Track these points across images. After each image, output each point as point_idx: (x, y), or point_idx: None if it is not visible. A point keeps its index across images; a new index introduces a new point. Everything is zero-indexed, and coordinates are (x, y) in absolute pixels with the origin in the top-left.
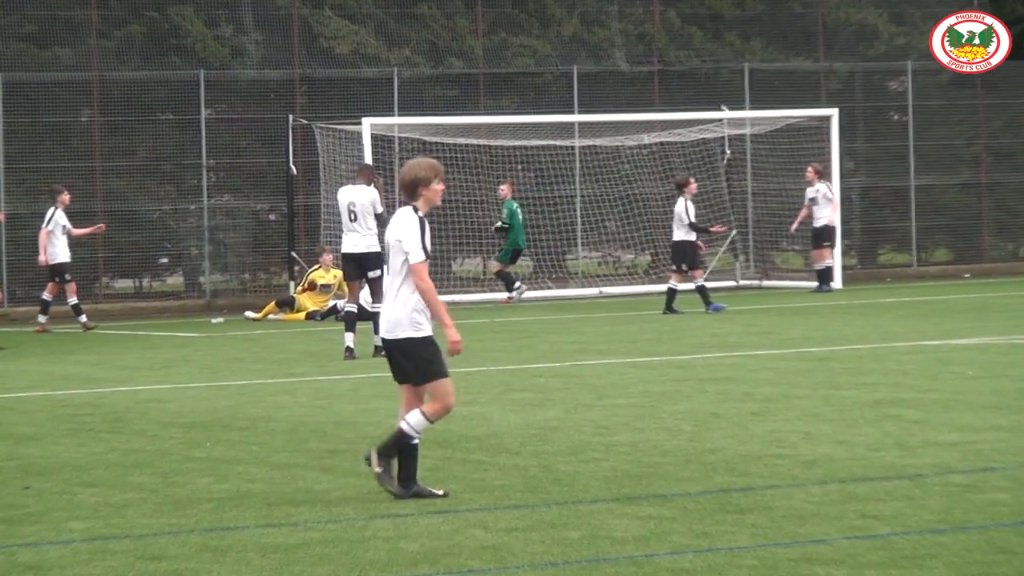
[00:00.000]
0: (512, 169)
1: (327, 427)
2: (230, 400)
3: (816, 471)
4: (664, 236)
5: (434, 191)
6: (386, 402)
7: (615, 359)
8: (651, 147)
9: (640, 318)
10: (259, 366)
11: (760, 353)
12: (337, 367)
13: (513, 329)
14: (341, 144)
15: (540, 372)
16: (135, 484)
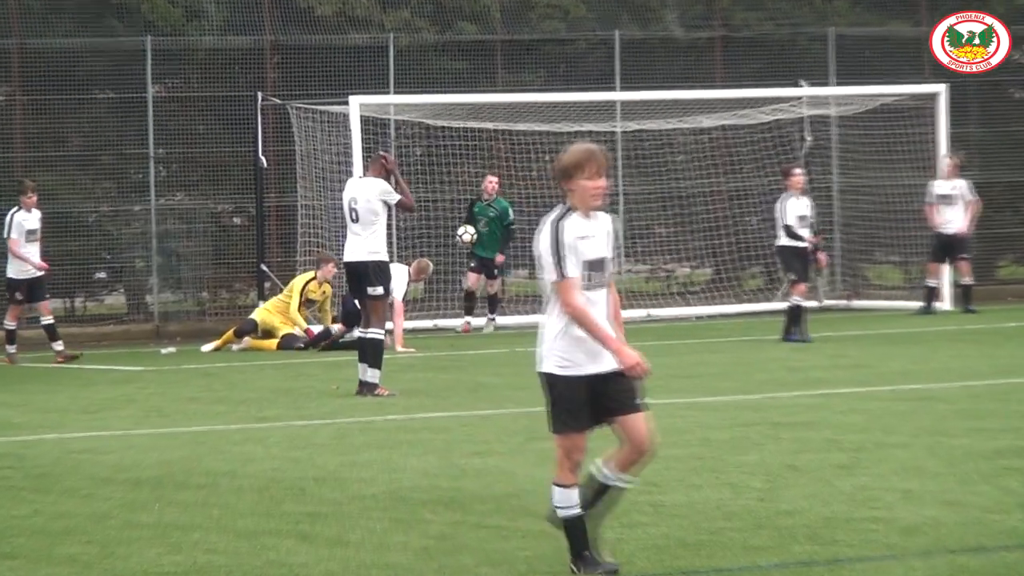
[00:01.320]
0: (538, 160)
1: (306, 484)
2: (184, 450)
3: (918, 539)
4: (728, 243)
5: (582, 187)
6: (379, 452)
7: (667, 398)
8: (711, 132)
9: (699, 347)
10: (221, 408)
11: (848, 391)
12: (317, 409)
13: None
14: (323, 129)
15: None
16: (65, 556)
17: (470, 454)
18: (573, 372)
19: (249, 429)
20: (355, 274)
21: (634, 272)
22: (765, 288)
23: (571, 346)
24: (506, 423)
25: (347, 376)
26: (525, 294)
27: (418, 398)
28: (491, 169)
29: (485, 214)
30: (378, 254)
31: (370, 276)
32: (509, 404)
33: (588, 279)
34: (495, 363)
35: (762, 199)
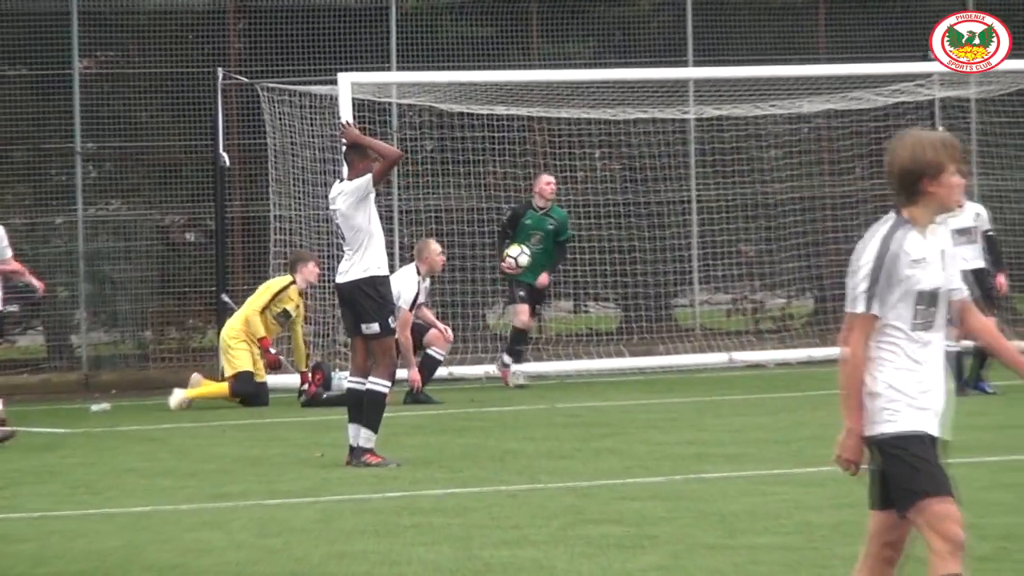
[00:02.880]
0: (586, 157)
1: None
2: (122, 538)
3: None
4: (835, 265)
5: (945, 187)
6: (377, 541)
7: (754, 469)
8: (812, 121)
9: (797, 402)
10: (168, 482)
11: (992, 460)
12: (295, 484)
13: (588, 421)
14: (304, 117)
15: (631, 492)
16: None
17: (496, 543)
18: (918, 427)
19: (206, 510)
20: (344, 301)
21: (711, 304)
22: None
23: (906, 394)
24: (542, 502)
25: (335, 440)
26: (568, 332)
27: (427, 469)
28: (543, 167)
29: (541, 227)
30: (371, 270)
31: (362, 304)
32: (546, 477)
33: (916, 316)
34: (528, 424)
35: (878, 208)
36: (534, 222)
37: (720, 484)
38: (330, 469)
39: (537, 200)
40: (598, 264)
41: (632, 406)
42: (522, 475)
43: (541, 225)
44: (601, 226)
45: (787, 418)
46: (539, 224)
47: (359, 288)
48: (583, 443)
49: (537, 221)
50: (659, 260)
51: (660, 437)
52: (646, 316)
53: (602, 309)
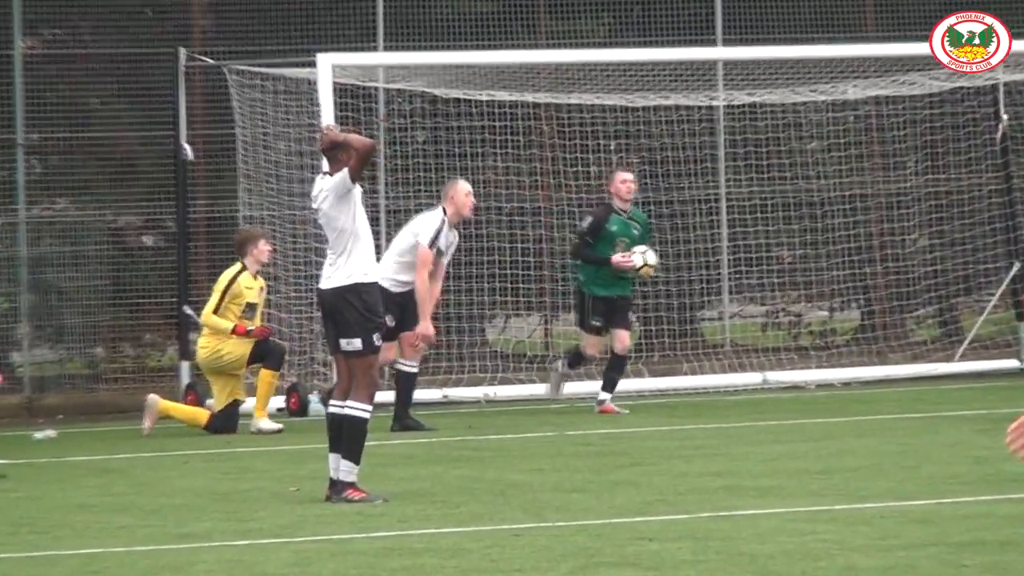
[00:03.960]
0: (600, 150)
1: None
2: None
3: None
4: (885, 274)
5: None
6: None
7: (792, 505)
8: (859, 108)
9: (841, 428)
10: (125, 520)
11: None
12: (268, 522)
13: (601, 450)
14: (278, 104)
15: (651, 530)
16: None
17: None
18: None
19: (166, 552)
20: (325, 311)
21: (743, 316)
22: (943, 341)
23: None
24: (549, 542)
25: (312, 472)
26: None
27: (418, 504)
28: (621, 164)
29: (627, 233)
30: (354, 277)
31: (344, 315)
32: (553, 514)
33: None
34: (533, 453)
35: (933, 207)
36: (620, 228)
37: (752, 522)
38: (307, 505)
39: (616, 202)
40: None
41: (652, 433)
42: (526, 511)
43: (627, 231)
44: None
45: (830, 446)
46: (625, 230)
47: (342, 297)
48: (596, 475)
49: (623, 227)
50: (683, 267)
51: (684, 468)
52: (668, 330)
53: None
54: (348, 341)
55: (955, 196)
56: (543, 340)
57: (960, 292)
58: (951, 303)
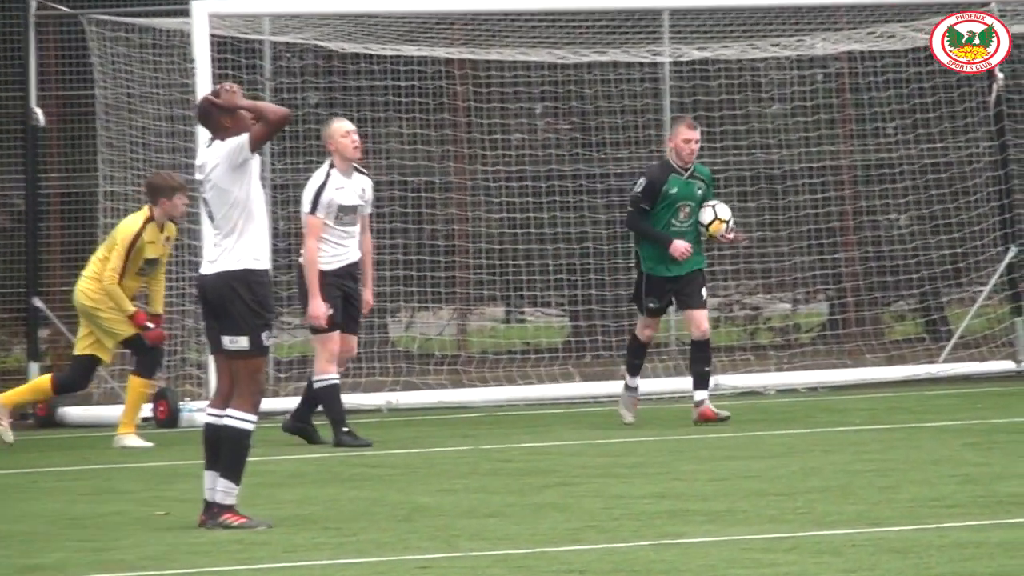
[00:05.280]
0: (523, 113)
1: None
2: None
3: None
4: (861, 259)
5: None
6: None
7: (747, 532)
8: (829, 66)
9: (807, 442)
10: None
11: None
12: (133, 552)
13: (524, 468)
14: (145, 60)
15: (582, 562)
16: None
17: None
18: None
19: None
20: (206, 301)
21: None
22: (926, 339)
23: None
24: (463, 575)
25: (184, 493)
26: (498, 348)
27: (308, 531)
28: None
29: (690, 195)
30: (244, 262)
31: (228, 307)
32: (467, 543)
33: None
34: (444, 471)
35: (920, 181)
36: (681, 190)
37: (701, 551)
38: (178, 532)
39: (675, 159)
40: (538, 257)
41: (583, 447)
42: (436, 540)
43: (690, 193)
44: (543, 206)
45: (792, 463)
46: (687, 192)
47: (228, 285)
48: (518, 497)
49: (684, 188)
50: (621, 252)
51: (621, 489)
52: (603, 327)
53: (544, 317)
54: (232, 339)
55: (942, 169)
56: (456, 338)
57: (947, 282)
58: (936, 295)
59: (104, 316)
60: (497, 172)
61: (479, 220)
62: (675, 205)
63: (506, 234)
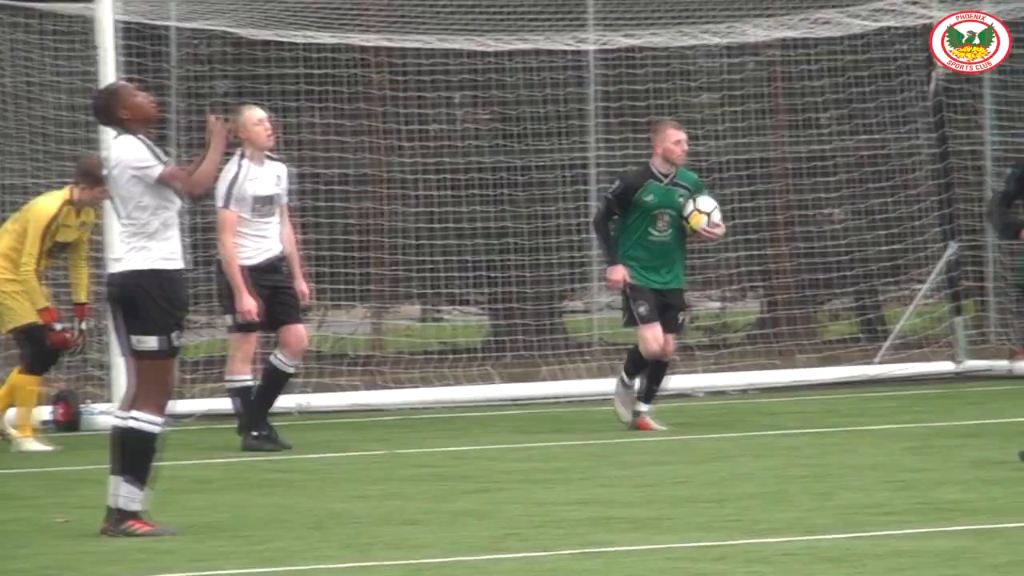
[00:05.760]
0: (441, 103)
1: None
2: None
3: None
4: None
5: None
6: None
7: (674, 541)
8: (762, 53)
9: (738, 446)
10: None
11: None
12: (28, 563)
13: (442, 473)
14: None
15: (503, 571)
16: None
17: None
18: None
19: None
20: (115, 300)
21: (616, 308)
22: (861, 338)
23: None
24: None
25: (86, 499)
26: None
27: (216, 540)
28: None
29: (670, 203)
30: (153, 261)
31: (138, 307)
32: (382, 552)
33: None
34: (359, 477)
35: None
36: (659, 198)
37: (626, 561)
38: (80, 540)
39: (659, 165)
40: (457, 253)
41: (503, 452)
42: (349, 548)
43: (670, 201)
44: (463, 200)
45: (722, 469)
46: (667, 200)
47: (138, 284)
48: (435, 503)
49: (663, 196)
50: (544, 247)
51: (542, 495)
52: (523, 326)
53: (463, 316)
54: (140, 339)
55: (879, 161)
56: (371, 338)
57: (884, 279)
58: (873, 293)
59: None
60: (415, 164)
61: (395, 214)
62: (651, 213)
63: (423, 229)
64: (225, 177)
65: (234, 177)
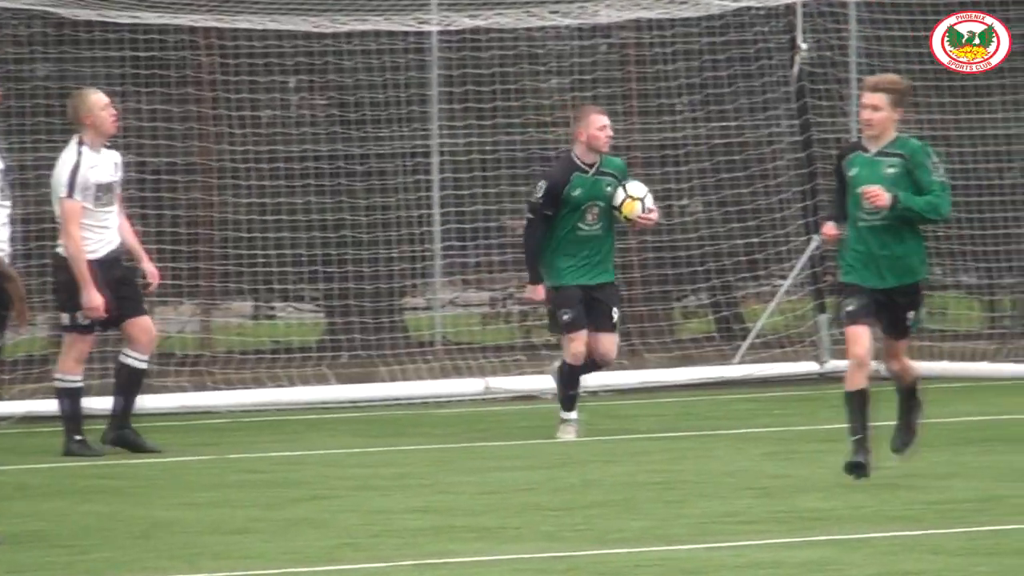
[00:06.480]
0: (275, 88)
1: None
2: None
3: None
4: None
5: None
6: None
7: (519, 551)
8: (614, 35)
9: (591, 450)
10: None
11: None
12: None
13: (275, 479)
14: None
15: None
16: None
17: None
18: None
19: None
20: None
21: (460, 304)
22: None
23: None
24: None
25: None
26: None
27: (35, 550)
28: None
29: (598, 194)
30: None
31: None
32: (210, 562)
33: None
34: (187, 483)
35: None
36: (587, 190)
37: (470, 571)
38: None
39: (583, 154)
40: (291, 247)
41: (339, 456)
42: (176, 559)
43: (598, 192)
44: (297, 190)
45: (569, 475)
46: (595, 192)
47: None
48: (266, 511)
49: (591, 188)
50: (383, 241)
51: (380, 502)
52: (361, 325)
53: (297, 313)
54: None
55: (737, 150)
56: (199, 336)
57: (743, 274)
58: (730, 289)
59: None
60: (246, 152)
61: (226, 205)
62: (580, 208)
63: (255, 221)
64: (65, 165)
65: (75, 165)
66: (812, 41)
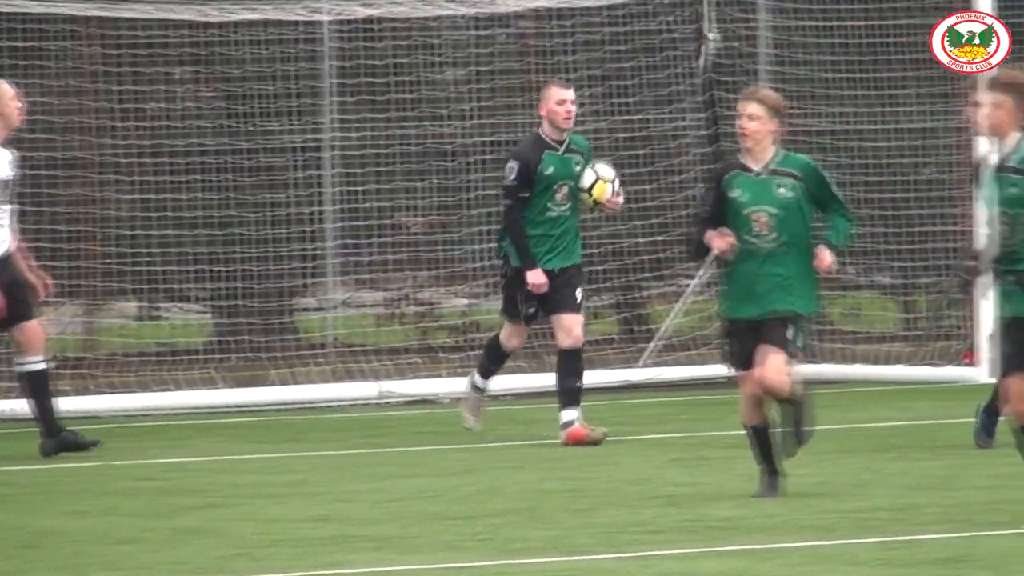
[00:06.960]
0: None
1: None
2: None
3: None
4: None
5: None
6: None
7: (419, 561)
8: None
9: (495, 456)
10: None
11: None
12: None
13: (164, 487)
14: None
15: None
16: None
17: None
18: None
19: None
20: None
21: (354, 305)
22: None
23: None
24: None
25: None
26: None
27: None
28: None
29: (567, 173)
30: None
31: None
32: (98, 573)
33: None
34: (73, 491)
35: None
36: (558, 168)
37: None
38: None
39: (549, 131)
40: (177, 244)
41: (231, 463)
42: (62, 569)
43: (567, 171)
44: (183, 186)
45: (472, 483)
46: (565, 170)
47: None
48: (156, 520)
49: (561, 166)
50: (273, 239)
51: (275, 511)
52: (251, 326)
53: (183, 314)
54: None
55: (641, 144)
56: (82, 338)
57: (648, 274)
58: (634, 288)
59: None
60: (129, 146)
61: (109, 202)
62: (551, 187)
63: (139, 218)
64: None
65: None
66: (720, 31)
